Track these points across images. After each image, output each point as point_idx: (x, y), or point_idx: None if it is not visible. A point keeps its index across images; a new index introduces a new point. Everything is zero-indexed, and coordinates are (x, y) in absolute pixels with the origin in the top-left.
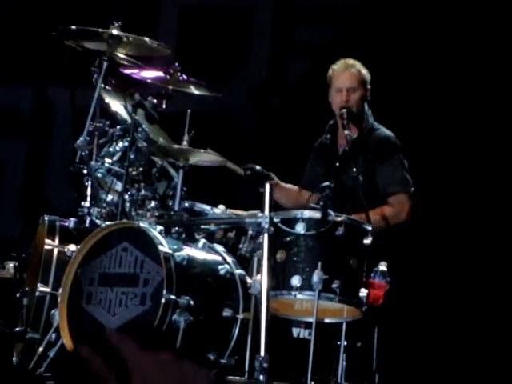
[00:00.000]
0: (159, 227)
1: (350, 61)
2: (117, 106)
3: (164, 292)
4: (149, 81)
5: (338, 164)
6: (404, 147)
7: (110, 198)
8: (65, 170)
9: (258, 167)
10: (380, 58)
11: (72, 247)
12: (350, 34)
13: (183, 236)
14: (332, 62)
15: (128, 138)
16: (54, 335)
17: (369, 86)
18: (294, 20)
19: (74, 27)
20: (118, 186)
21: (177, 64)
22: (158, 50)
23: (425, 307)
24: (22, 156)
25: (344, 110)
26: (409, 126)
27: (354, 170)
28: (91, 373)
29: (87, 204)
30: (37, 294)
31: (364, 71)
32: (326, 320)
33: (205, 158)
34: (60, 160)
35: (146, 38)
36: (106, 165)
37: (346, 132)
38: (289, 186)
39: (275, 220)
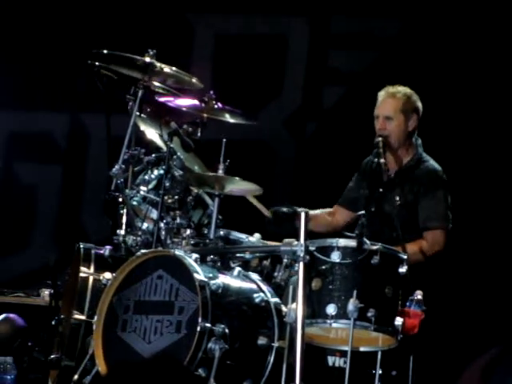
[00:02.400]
0: (194, 255)
1: (393, 88)
2: (152, 133)
3: (199, 320)
4: (184, 109)
5: (381, 190)
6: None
7: (145, 226)
8: (99, 198)
9: (284, 209)
10: (415, 85)
11: (107, 275)
12: (386, 62)
13: (218, 264)
14: (367, 90)
15: (163, 166)
16: (88, 363)
17: (415, 115)
18: (328, 47)
19: (106, 51)
20: (154, 214)
21: (212, 92)
22: (192, 83)
23: (460, 336)
24: (57, 182)
25: (380, 139)
26: (452, 156)
27: (397, 198)
28: None
29: (122, 232)
30: (72, 321)
31: (407, 99)
32: (361, 348)
33: (240, 186)
34: (95, 187)
35: (180, 71)
36: (142, 193)
37: (382, 161)
38: (317, 211)
39: (311, 248)
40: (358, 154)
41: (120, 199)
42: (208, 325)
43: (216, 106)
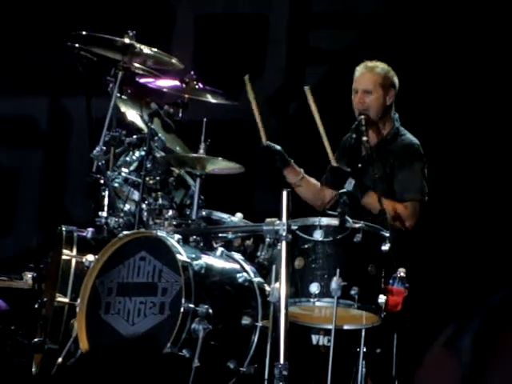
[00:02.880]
0: (177, 236)
1: (371, 63)
2: (133, 115)
3: (183, 301)
4: (165, 90)
5: (360, 165)
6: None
7: (127, 207)
8: (82, 180)
9: (279, 147)
10: (397, 62)
11: (90, 257)
12: (367, 40)
13: (201, 245)
14: (350, 68)
15: (144, 148)
16: (72, 346)
17: (392, 90)
18: (309, 25)
19: (84, 32)
20: (135, 196)
21: (192, 73)
22: (172, 64)
23: (444, 313)
24: (39, 166)
25: (362, 117)
26: (426, 131)
27: (373, 173)
28: None
29: (104, 214)
30: (55, 304)
31: (385, 73)
32: (345, 327)
33: (221, 165)
34: (77, 170)
35: (160, 51)
36: (123, 174)
37: (365, 139)
38: (312, 179)
39: (293, 227)
40: (340, 133)
41: (101, 181)
42: (191, 305)
43: (197, 87)
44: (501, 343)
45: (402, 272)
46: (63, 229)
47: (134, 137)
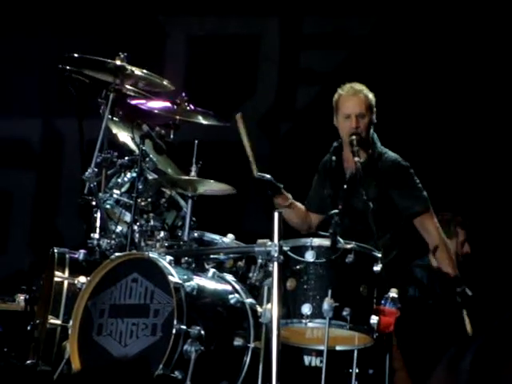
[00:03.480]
0: (169, 257)
1: (357, 86)
2: (124, 136)
3: (175, 322)
4: (156, 111)
5: (345, 186)
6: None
7: (119, 229)
8: (74, 202)
9: (269, 176)
10: (387, 83)
11: (82, 279)
12: (358, 60)
13: (193, 266)
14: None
15: (136, 169)
16: (65, 367)
17: (375, 110)
18: (300, 47)
19: (76, 55)
20: (127, 217)
21: (184, 94)
22: (164, 86)
23: (436, 333)
24: (32, 187)
25: (354, 137)
26: (415, 149)
27: (363, 193)
28: None
29: (96, 235)
30: (48, 326)
31: (370, 95)
32: (338, 347)
33: (213, 187)
34: (70, 191)
35: (151, 73)
36: (115, 196)
37: (356, 159)
38: (299, 204)
39: (285, 248)
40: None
41: (93, 203)
42: (183, 327)
43: (188, 108)
44: (499, 367)
45: (393, 292)
46: (55, 251)
47: (126, 158)
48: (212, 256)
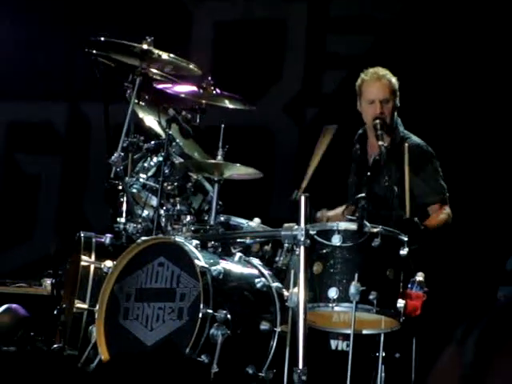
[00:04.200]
0: (195, 241)
1: (381, 70)
2: (151, 121)
3: (201, 306)
4: (182, 95)
5: (369, 173)
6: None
7: (145, 213)
8: (101, 186)
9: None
10: (414, 67)
11: (108, 263)
12: (385, 45)
13: (219, 250)
14: None
15: (162, 153)
16: (91, 351)
17: (398, 94)
18: (327, 31)
19: (103, 38)
20: (154, 201)
21: (210, 78)
22: (190, 70)
23: (463, 316)
24: (58, 172)
25: (377, 121)
26: (440, 135)
27: (386, 179)
28: None
29: (123, 220)
30: (74, 310)
31: (394, 80)
32: (364, 331)
33: (239, 171)
34: (96, 175)
35: (177, 57)
36: (141, 180)
37: (380, 143)
38: (334, 212)
39: (311, 232)
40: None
41: (120, 187)
42: (210, 311)
43: (215, 92)
44: (503, 346)
45: (420, 276)
46: (82, 235)
47: (152, 143)
48: (238, 240)
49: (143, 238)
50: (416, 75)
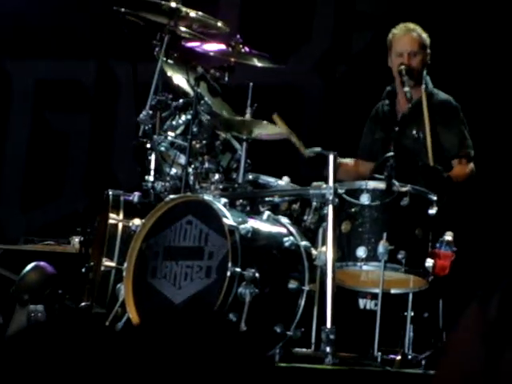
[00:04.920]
0: (223, 200)
1: (411, 25)
2: (179, 79)
3: (229, 265)
4: (211, 53)
5: (397, 128)
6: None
7: (173, 171)
8: (129, 144)
9: (318, 149)
10: (445, 28)
11: (136, 221)
12: (415, 4)
13: (247, 208)
14: None
15: (191, 111)
16: (119, 309)
17: (429, 51)
18: None
19: None
20: (182, 160)
21: (239, 36)
22: (218, 28)
23: (491, 276)
24: (86, 130)
25: (402, 67)
26: (469, 93)
27: (414, 132)
28: None
29: (151, 178)
30: (102, 268)
31: (424, 35)
32: (392, 291)
33: (268, 130)
34: (124, 134)
35: (205, 15)
36: (169, 138)
37: (406, 89)
38: (346, 160)
39: (340, 191)
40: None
41: (148, 145)
42: (238, 269)
43: (243, 50)
44: None
45: (449, 236)
46: (110, 193)
47: (181, 101)
48: (267, 199)
49: (171, 196)
50: (448, 36)
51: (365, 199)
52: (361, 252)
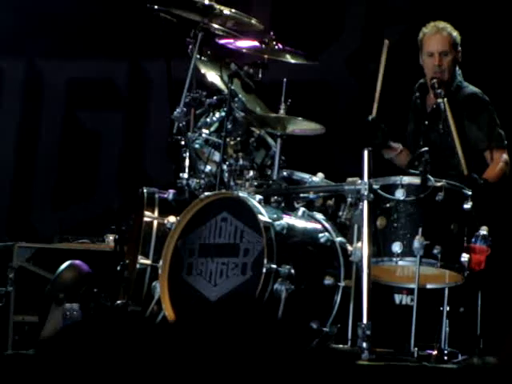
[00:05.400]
0: (258, 196)
1: (441, 24)
2: (213, 76)
3: (265, 261)
4: (244, 50)
5: (426, 122)
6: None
7: (208, 168)
8: (162, 142)
9: (383, 125)
10: (476, 23)
11: (171, 219)
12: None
13: (282, 205)
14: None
15: (225, 108)
16: (155, 307)
17: (459, 48)
18: None
19: None
20: (216, 157)
21: (272, 33)
22: (252, 25)
23: None
24: (119, 128)
25: (434, 81)
26: (500, 88)
27: (441, 127)
28: None
29: (185, 175)
30: (137, 266)
31: (455, 34)
32: (428, 286)
33: (302, 126)
34: (157, 131)
35: (239, 12)
36: (204, 135)
37: (439, 101)
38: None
39: (374, 187)
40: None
41: (182, 142)
42: (274, 266)
43: (276, 47)
44: None
45: (484, 230)
46: (144, 191)
47: (214, 98)
48: (301, 195)
49: (206, 194)
50: (479, 30)
51: (400, 194)
52: (396, 247)
